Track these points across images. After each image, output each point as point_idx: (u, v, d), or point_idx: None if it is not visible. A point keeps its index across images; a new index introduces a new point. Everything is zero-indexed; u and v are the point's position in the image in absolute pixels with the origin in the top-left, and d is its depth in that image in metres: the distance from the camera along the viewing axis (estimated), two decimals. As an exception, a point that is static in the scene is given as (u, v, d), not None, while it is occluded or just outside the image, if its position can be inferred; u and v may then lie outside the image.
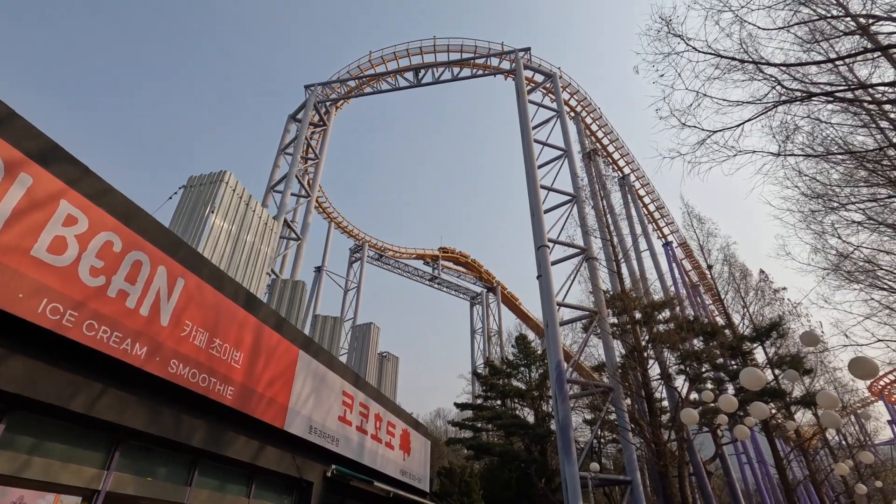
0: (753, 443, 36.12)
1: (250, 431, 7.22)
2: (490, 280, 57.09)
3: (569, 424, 19.70)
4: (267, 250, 9.45)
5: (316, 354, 9.03)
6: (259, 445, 7.38)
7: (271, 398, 7.37)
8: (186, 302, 6.10)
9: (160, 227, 6.10)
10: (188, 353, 5.99)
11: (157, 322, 5.65)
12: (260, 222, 9.36)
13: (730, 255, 29.93)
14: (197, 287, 6.34)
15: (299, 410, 8.03)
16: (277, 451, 7.81)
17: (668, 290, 33.91)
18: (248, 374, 6.97)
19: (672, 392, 24.93)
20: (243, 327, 7.06)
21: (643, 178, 43.37)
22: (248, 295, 7.51)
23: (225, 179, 8.41)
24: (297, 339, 8.48)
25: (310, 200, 33.31)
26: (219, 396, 6.35)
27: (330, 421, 8.92)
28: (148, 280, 5.61)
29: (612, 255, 24.72)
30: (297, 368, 8.17)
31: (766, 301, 28.01)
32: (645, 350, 22.69)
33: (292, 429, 7.79)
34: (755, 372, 9.88)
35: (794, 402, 23.39)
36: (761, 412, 13.00)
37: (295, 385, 8.01)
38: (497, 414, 28.11)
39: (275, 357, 7.63)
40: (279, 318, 8.13)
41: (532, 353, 33.17)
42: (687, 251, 45.63)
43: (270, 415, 7.31)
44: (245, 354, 6.99)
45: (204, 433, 6.41)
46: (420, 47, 36.46)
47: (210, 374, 6.26)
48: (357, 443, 9.75)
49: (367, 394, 10.62)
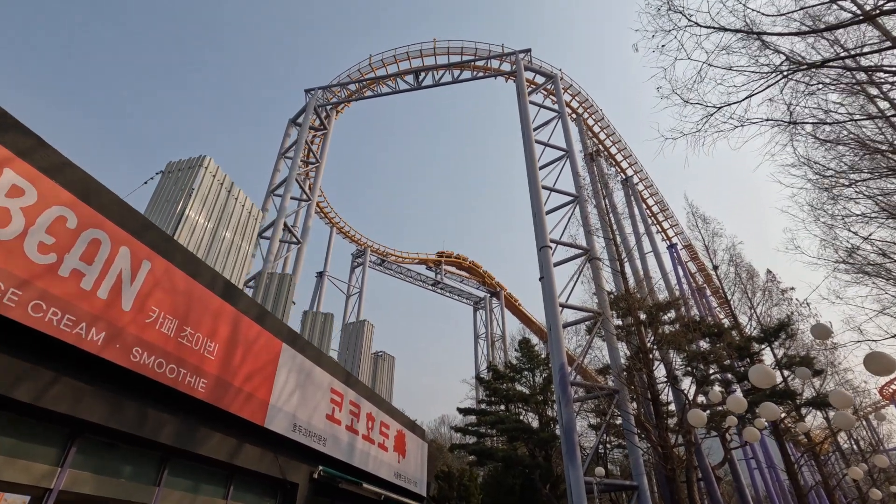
0: (763, 447, 35.34)
1: (227, 428, 6.76)
2: (493, 284, 56.59)
3: (573, 428, 19.18)
4: (250, 239, 9.04)
5: (302, 350, 8.59)
6: (237, 443, 6.92)
7: (250, 393, 6.92)
8: (153, 286, 5.68)
9: (125, 207, 5.70)
10: (154, 342, 5.56)
11: (118, 306, 5.22)
12: (243, 210, 8.95)
13: (736, 255, 29.39)
14: (166, 272, 5.93)
15: (282, 407, 7.56)
16: (258, 450, 7.34)
17: (672, 289, 33.35)
18: (224, 367, 6.53)
19: (678, 394, 24.32)
20: (219, 317, 6.63)
21: (646, 181, 42.95)
22: (226, 284, 7.09)
23: (204, 164, 8.02)
24: (280, 333, 8.04)
25: (310, 204, 33.12)
26: (189, 389, 5.92)
27: (316, 419, 8.45)
28: (108, 261, 5.19)
29: (616, 255, 24.22)
30: (280, 363, 7.72)
31: (774, 302, 27.45)
32: (650, 351, 22.13)
33: (273, 426, 7.32)
34: (765, 370, 9.37)
35: (805, 404, 22.72)
36: (772, 412, 12.45)
37: (277, 380, 7.56)
38: (500, 418, 27.57)
39: (255, 350, 7.19)
40: (261, 310, 7.71)
41: (536, 356, 32.73)
42: (692, 253, 45.02)
43: (249, 410, 6.86)
44: (221, 346, 6.55)
45: (174, 429, 5.96)
46: (420, 50, 36.36)
47: (179, 364, 5.82)
48: (347, 443, 9.27)
49: (359, 392, 10.15)
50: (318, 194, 35.84)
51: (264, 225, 28.80)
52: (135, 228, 5.66)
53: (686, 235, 43.76)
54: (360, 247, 52.20)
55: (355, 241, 52.13)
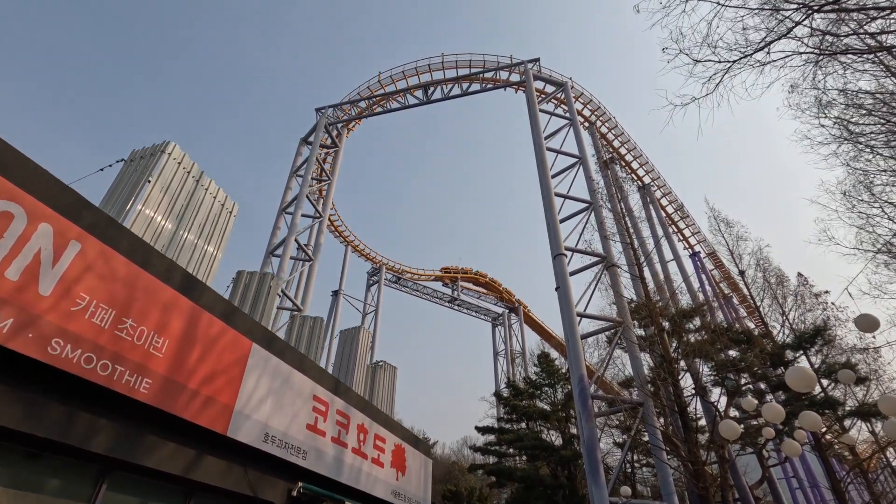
0: (804, 464, 33.03)
1: (182, 437, 5.97)
2: (511, 300, 55.39)
3: (595, 444, 17.96)
4: (222, 232, 8.37)
5: (281, 353, 7.81)
6: (196, 455, 6.11)
7: (209, 397, 6.13)
8: (82, 271, 4.99)
9: (53, 182, 5.06)
10: (81, 333, 4.84)
11: (33, 290, 4.53)
12: (214, 201, 8.31)
13: (763, 259, 27.91)
14: (101, 255, 5.24)
15: (250, 414, 6.75)
16: (222, 464, 6.51)
17: (695, 293, 31.81)
18: (176, 366, 5.77)
19: (708, 407, 22.79)
20: (171, 309, 5.90)
21: (665, 187, 41.69)
22: (185, 276, 6.39)
23: (168, 150, 7.42)
24: (252, 333, 7.28)
25: (321, 221, 32.89)
26: (129, 390, 5.16)
27: (295, 429, 7.60)
28: (21, 238, 4.52)
29: (634, 259, 23.08)
30: (250, 364, 6.93)
31: (808, 307, 25.85)
32: (676, 361, 20.78)
33: (240, 436, 6.50)
34: (804, 371, 8.27)
35: (849, 415, 20.98)
36: (813, 422, 11.17)
37: (245, 383, 6.76)
38: (518, 436, 26.33)
39: (217, 349, 6.43)
40: (229, 307, 6.97)
41: (556, 371, 31.55)
42: (716, 261, 43.23)
43: (208, 417, 6.06)
44: (173, 342, 5.81)
45: (111, 436, 5.19)
46: (428, 65, 36.30)
47: (116, 361, 5.08)
48: (333, 457, 8.38)
49: (349, 402, 9.27)
50: (329, 211, 35.71)
51: (275, 243, 28.67)
52: (63, 206, 5.01)
53: (710, 243, 42.11)
54: (376, 265, 51.76)
55: (370, 259, 51.75)
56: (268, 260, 28.10)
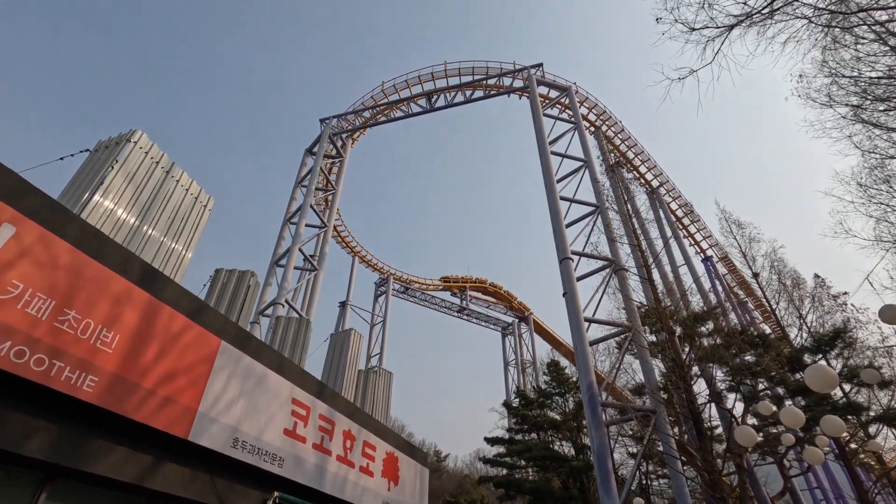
0: (828, 474, 31.66)
1: (136, 441, 5.47)
2: (520, 308, 54.64)
3: (606, 454, 17.24)
4: (194, 228, 7.95)
5: (256, 353, 7.32)
6: (153, 461, 5.61)
7: (167, 397, 5.64)
8: (17, 256, 4.56)
9: (-13, 161, 4.67)
10: (12, 324, 4.39)
11: (-48, 275, 4.12)
12: (187, 194, 7.88)
13: (777, 260, 27.02)
14: (41, 241, 4.82)
15: (217, 417, 6.25)
16: (186, 471, 6.00)
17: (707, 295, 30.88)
18: (128, 363, 5.31)
19: (724, 414, 21.87)
20: (123, 302, 5.45)
21: (674, 191, 40.93)
22: (145, 268, 5.95)
23: (133, 139, 7.03)
24: (224, 331, 6.81)
25: (326, 231, 32.76)
26: (69, 388, 4.69)
27: (270, 434, 7.07)
28: (-61, 217, 4.13)
29: (642, 261, 22.39)
30: (217, 364, 6.44)
31: (826, 309, 24.91)
32: (689, 367, 19.96)
33: (204, 440, 5.99)
34: (825, 369, 7.62)
35: (873, 420, 19.93)
36: (835, 427, 10.45)
37: (211, 384, 6.27)
38: (528, 447, 25.53)
39: (179, 346, 5.96)
40: (197, 302, 6.52)
41: (566, 380, 30.81)
42: (730, 266, 42.15)
43: (164, 419, 5.56)
44: (125, 337, 5.35)
45: (51, 440, 4.72)
46: (431, 73, 36.31)
47: (54, 356, 4.63)
48: (314, 465, 7.82)
49: (335, 406, 8.73)
50: (334, 221, 35.61)
51: (279, 253, 28.49)
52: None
53: (721, 246, 41.12)
54: (383, 275, 51.43)
55: (378, 270, 51.48)
56: (272, 270, 27.92)
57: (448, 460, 63.01)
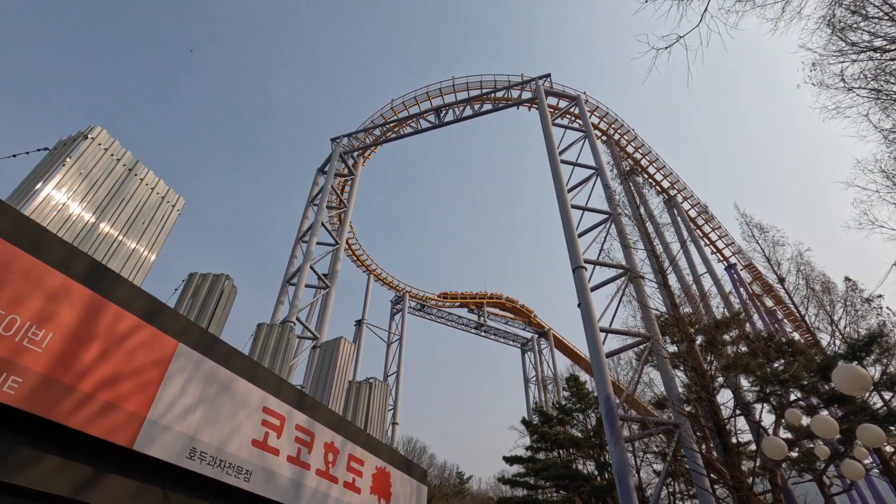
0: (873, 490, 29.57)
1: (71, 451, 5.01)
2: (539, 324, 53.46)
3: (626, 470, 16.23)
4: (159, 228, 7.59)
5: (224, 359, 6.85)
6: (91, 472, 5.13)
7: (109, 402, 5.18)
8: (-72, 247, 4.21)
9: None
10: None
11: None
12: (152, 193, 7.53)
13: (804, 264, 25.68)
14: (-39, 233, 4.47)
15: (170, 425, 5.75)
16: (132, 483, 5.49)
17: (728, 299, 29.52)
18: (62, 365, 4.87)
19: (754, 427, 20.55)
20: (60, 298, 5.04)
21: (693, 199, 39.80)
22: (91, 264, 5.56)
23: (92, 135, 6.73)
24: (185, 333, 6.36)
25: (338, 248, 32.65)
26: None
27: (235, 445, 6.54)
28: None
29: (658, 267, 21.45)
30: (173, 367, 5.97)
31: (860, 313, 23.48)
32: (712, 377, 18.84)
33: (153, 450, 5.48)
34: (855, 369, 6.84)
35: (915, 430, 18.41)
36: (874, 436, 9.44)
37: (164, 389, 5.79)
38: (546, 465, 24.42)
39: (126, 347, 5.51)
40: (153, 303, 6.10)
41: (586, 395, 29.66)
42: (755, 273, 40.53)
43: (104, 426, 5.08)
44: (59, 336, 4.93)
45: (-31, 449, 4.29)
46: (440, 89, 36.35)
47: (-31, 355, 4.23)
48: (289, 479, 7.24)
49: (316, 418, 8.16)
50: (346, 238, 35.50)
51: (291, 272, 28.40)
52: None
53: (744, 252, 39.63)
54: (399, 293, 51.01)
55: (393, 288, 51.12)
56: (284, 288, 27.77)
57: (471, 482, 61.37)
